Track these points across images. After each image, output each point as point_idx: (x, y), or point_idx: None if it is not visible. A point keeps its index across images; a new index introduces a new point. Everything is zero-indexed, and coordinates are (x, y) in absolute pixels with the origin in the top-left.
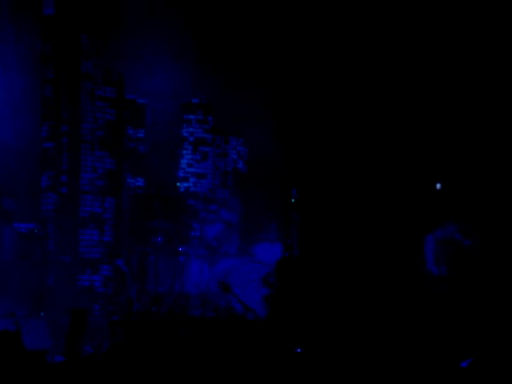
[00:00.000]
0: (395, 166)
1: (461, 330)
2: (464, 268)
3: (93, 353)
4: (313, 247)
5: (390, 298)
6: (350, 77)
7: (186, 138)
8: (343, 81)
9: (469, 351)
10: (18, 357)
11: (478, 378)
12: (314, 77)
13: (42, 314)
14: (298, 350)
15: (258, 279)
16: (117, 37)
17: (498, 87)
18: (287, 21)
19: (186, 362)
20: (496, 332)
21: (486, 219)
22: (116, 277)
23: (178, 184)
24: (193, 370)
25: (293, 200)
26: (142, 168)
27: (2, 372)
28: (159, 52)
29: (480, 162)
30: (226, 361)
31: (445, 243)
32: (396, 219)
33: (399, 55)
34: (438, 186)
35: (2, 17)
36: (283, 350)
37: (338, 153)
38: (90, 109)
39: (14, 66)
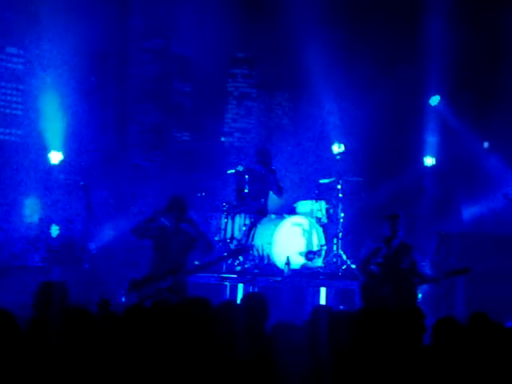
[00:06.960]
0: None
1: None
2: None
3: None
4: None
5: None
6: None
7: (230, 93)
8: None
9: None
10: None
11: None
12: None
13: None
14: None
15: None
16: None
17: None
18: None
19: None
20: None
21: None
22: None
23: (223, 139)
24: None
25: None
26: (187, 122)
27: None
28: (207, 7)
29: None
30: None
31: None
32: None
33: None
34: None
35: None
36: None
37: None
38: (138, 61)
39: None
